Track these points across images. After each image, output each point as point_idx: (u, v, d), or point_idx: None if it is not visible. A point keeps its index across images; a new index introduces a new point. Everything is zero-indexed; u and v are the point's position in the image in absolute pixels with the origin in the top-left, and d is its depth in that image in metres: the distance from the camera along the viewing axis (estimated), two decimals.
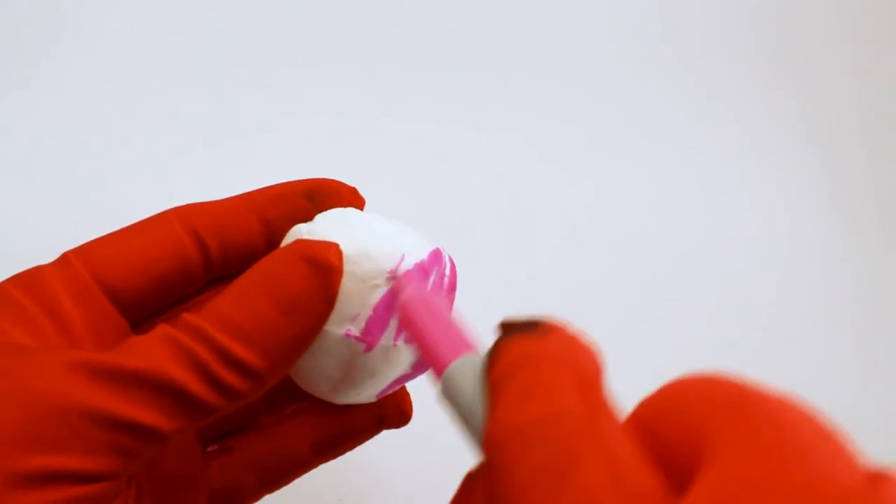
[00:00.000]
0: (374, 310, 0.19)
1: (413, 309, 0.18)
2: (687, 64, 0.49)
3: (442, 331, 0.17)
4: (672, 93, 0.48)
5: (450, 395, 0.16)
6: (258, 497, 0.22)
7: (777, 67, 0.50)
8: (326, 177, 0.23)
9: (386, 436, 0.25)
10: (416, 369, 0.22)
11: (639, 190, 0.45)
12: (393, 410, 0.23)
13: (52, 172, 0.41)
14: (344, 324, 0.19)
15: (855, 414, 0.40)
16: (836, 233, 0.45)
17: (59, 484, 0.15)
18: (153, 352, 0.16)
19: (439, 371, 0.16)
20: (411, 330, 0.18)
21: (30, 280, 0.18)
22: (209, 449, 0.22)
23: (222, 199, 0.23)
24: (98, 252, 0.20)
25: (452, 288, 0.22)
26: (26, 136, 0.42)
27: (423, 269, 0.20)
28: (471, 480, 0.15)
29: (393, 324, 0.20)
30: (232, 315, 0.17)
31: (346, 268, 0.19)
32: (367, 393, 0.22)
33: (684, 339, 0.40)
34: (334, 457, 0.23)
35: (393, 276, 0.19)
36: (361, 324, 0.19)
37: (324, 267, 0.18)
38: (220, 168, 0.42)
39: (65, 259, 0.19)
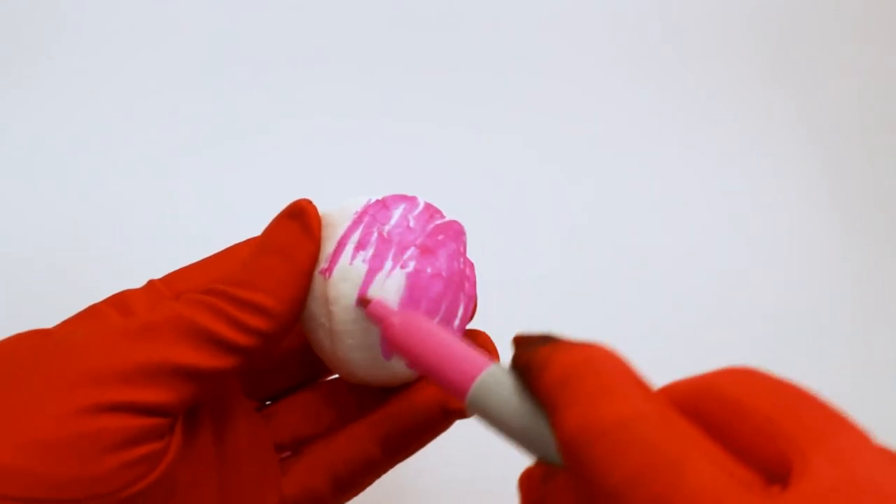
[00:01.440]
0: (338, 243, 0.22)
1: (408, 334, 0.19)
2: (687, 64, 0.49)
3: (449, 350, 0.19)
4: (672, 93, 0.48)
5: (485, 407, 0.17)
6: None
7: (777, 67, 0.50)
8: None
9: None
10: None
11: (639, 190, 0.45)
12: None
13: (52, 172, 0.41)
14: (320, 265, 0.22)
15: (854, 413, 0.40)
16: (836, 233, 0.45)
17: (119, 414, 0.18)
18: (180, 307, 0.20)
19: (462, 390, 0.18)
20: (414, 354, 0.19)
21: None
22: (283, 456, 0.24)
23: None
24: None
25: (453, 236, 0.23)
26: (26, 136, 0.42)
27: (384, 205, 0.23)
28: (537, 481, 0.17)
29: (349, 248, 0.22)
30: (239, 272, 0.21)
31: (325, 221, 0.22)
32: (360, 339, 0.22)
33: (684, 338, 0.40)
34: (405, 454, 0.24)
35: (357, 215, 0.22)
36: (329, 259, 0.22)
37: (298, 210, 0.22)
38: (220, 168, 0.42)
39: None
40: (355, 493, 0.24)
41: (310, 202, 0.22)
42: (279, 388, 0.25)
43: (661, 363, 0.41)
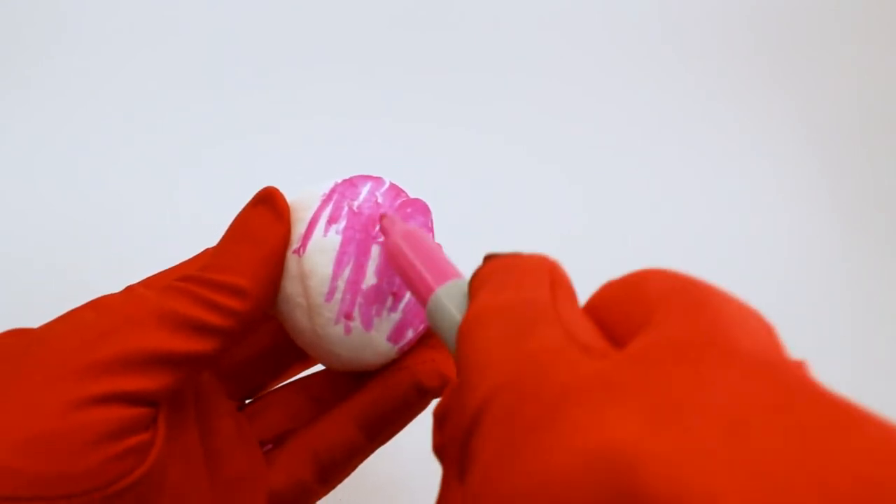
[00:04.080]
0: (309, 222, 0.22)
1: (398, 244, 0.20)
2: (687, 64, 0.49)
3: (425, 261, 0.19)
4: (672, 93, 0.48)
5: (435, 316, 0.18)
6: (323, 493, 0.24)
7: (777, 67, 0.50)
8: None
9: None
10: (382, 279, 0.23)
11: (639, 190, 0.45)
12: (428, 374, 0.23)
13: (52, 172, 0.41)
14: (293, 246, 0.22)
15: None
16: (836, 233, 0.45)
17: (110, 404, 0.18)
18: (154, 294, 0.20)
19: (426, 296, 0.18)
20: (397, 263, 0.20)
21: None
22: (266, 449, 0.24)
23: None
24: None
25: (421, 211, 0.24)
26: (26, 136, 0.42)
27: (351, 183, 0.23)
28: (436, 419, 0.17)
29: (321, 223, 0.22)
30: (214, 259, 0.21)
31: (294, 206, 0.23)
32: (333, 309, 0.22)
33: None
34: (385, 436, 0.24)
35: (325, 195, 0.22)
36: (301, 238, 0.22)
37: (266, 196, 0.22)
38: (220, 168, 0.42)
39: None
40: (340, 480, 0.24)
41: (276, 188, 0.22)
42: (255, 386, 0.26)
43: None
